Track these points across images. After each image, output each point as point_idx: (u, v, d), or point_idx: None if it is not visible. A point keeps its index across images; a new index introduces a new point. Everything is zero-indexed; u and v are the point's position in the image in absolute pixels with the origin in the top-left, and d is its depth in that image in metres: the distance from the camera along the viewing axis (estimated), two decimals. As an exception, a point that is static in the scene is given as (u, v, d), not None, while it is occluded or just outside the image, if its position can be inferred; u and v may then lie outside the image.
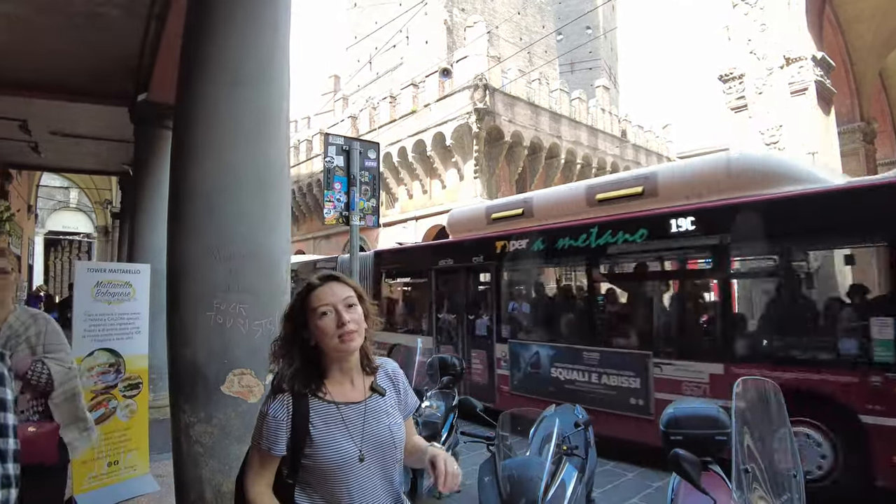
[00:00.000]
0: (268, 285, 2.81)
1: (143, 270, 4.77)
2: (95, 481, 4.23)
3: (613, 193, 6.75)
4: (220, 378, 2.64)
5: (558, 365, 6.86)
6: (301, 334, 1.48)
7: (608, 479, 5.24)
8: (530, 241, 7.23)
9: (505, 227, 8.09)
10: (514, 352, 7.50)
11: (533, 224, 7.57)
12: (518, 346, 7.49)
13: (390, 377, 1.64)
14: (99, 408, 4.31)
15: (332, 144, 4.36)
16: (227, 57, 2.95)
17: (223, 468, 2.62)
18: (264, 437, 1.41)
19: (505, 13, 31.21)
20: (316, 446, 1.40)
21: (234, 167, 2.83)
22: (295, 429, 1.41)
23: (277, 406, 1.42)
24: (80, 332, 4.25)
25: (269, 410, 1.42)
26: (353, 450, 1.43)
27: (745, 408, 2.63)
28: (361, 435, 1.46)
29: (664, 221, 5.85)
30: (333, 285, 1.51)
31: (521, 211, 7.97)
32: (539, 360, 7.08)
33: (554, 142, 21.02)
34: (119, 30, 6.06)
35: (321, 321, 1.45)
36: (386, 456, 1.50)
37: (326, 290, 1.49)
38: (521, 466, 3.09)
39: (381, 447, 1.49)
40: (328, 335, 1.45)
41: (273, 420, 1.40)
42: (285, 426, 1.40)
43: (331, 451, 1.41)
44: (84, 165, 13.33)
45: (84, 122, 9.20)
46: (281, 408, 1.42)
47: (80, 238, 28.81)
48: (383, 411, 1.54)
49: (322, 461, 1.40)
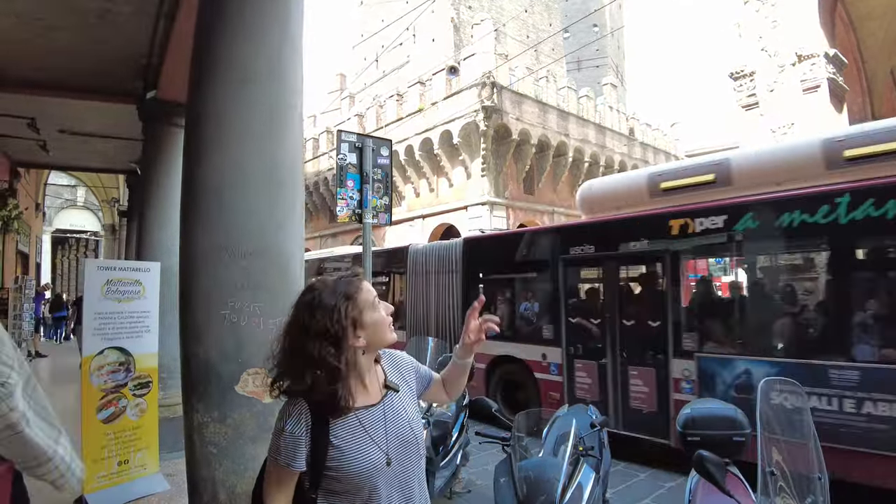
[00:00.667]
0: (282, 283, 2.77)
1: (152, 268, 4.74)
2: (105, 480, 4.21)
3: (869, 150, 4.98)
4: (234, 377, 2.60)
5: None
6: (346, 336, 1.37)
7: (620, 480, 5.20)
8: (733, 216, 5.33)
9: (682, 199, 6.11)
10: (707, 370, 5.45)
11: (731, 194, 5.66)
12: (715, 361, 5.43)
13: (395, 365, 1.60)
14: (109, 406, 4.29)
15: (344, 141, 4.31)
16: (237, 55, 2.94)
17: (237, 469, 2.59)
18: (282, 453, 1.34)
19: (512, 11, 31.12)
20: (341, 457, 1.35)
21: (245, 164, 2.80)
22: (315, 442, 1.34)
23: (294, 420, 1.35)
24: (89, 330, 4.24)
25: (286, 426, 1.34)
26: (380, 455, 1.38)
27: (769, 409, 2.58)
28: (385, 438, 1.41)
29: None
30: (365, 281, 1.48)
31: (713, 177, 6.01)
32: (751, 381, 5.07)
33: (562, 140, 20.93)
34: (129, 28, 6.05)
35: (379, 314, 1.43)
36: (410, 454, 1.47)
37: (367, 283, 1.47)
38: (537, 467, 3.04)
39: (406, 445, 1.45)
40: (386, 326, 1.44)
41: (290, 436, 1.33)
42: (304, 441, 1.34)
43: (357, 461, 1.35)
44: (92, 164, 13.37)
45: (92, 120, 9.22)
46: (298, 423, 1.34)
47: (88, 236, 28.95)
48: (402, 408, 1.50)
49: (349, 471, 1.35)
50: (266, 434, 2.73)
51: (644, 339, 6.14)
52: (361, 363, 1.43)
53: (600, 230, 6.74)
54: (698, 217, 5.57)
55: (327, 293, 1.39)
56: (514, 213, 19.83)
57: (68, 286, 27.95)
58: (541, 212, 20.93)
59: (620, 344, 6.27)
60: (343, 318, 1.36)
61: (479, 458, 5.66)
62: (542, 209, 21.01)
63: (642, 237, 6.11)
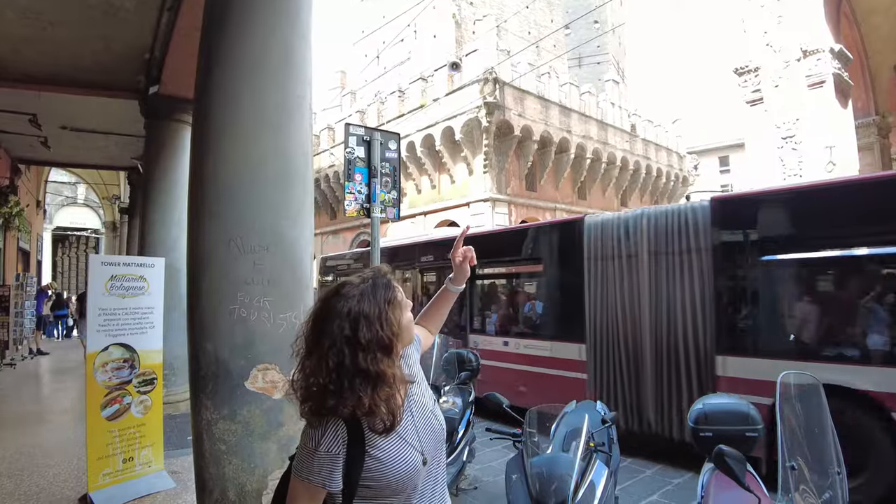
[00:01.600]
0: (292, 278, 2.74)
1: (157, 264, 4.70)
2: (110, 478, 4.17)
3: None
4: (243, 373, 2.57)
5: None
6: (391, 350, 1.29)
7: (628, 476, 5.17)
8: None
9: None
10: None
11: None
12: None
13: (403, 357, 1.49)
14: (113, 404, 4.26)
15: (352, 135, 4.25)
16: (247, 46, 2.90)
17: (247, 466, 2.55)
18: (316, 473, 1.21)
19: (513, 6, 30.99)
20: (381, 468, 1.26)
21: (257, 157, 2.76)
22: (352, 458, 1.23)
23: (330, 439, 1.22)
24: (94, 326, 4.20)
25: (321, 446, 1.22)
26: (418, 456, 1.32)
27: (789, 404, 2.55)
28: (419, 437, 1.35)
29: None
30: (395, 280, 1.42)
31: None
32: None
33: (564, 136, 20.87)
34: (132, 22, 6.01)
35: (409, 315, 1.39)
36: (439, 446, 1.43)
37: (397, 283, 1.41)
38: (549, 464, 3.01)
39: (435, 438, 1.41)
40: (412, 326, 1.40)
41: (327, 455, 1.21)
42: (341, 459, 1.22)
43: (398, 468, 1.27)
44: (93, 160, 13.31)
45: (94, 117, 9.17)
46: (335, 440, 1.23)
47: (88, 234, 28.91)
48: (422, 400, 1.44)
49: (390, 479, 1.27)
50: (276, 430, 2.71)
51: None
52: None
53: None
54: None
55: (367, 299, 1.29)
56: (516, 209, 19.77)
57: (68, 284, 27.94)
58: (543, 209, 20.87)
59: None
60: (394, 325, 1.29)
61: (484, 455, 5.63)
62: (545, 206, 20.96)
63: None
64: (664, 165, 26.87)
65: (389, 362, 1.26)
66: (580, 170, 22.11)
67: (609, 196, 24.12)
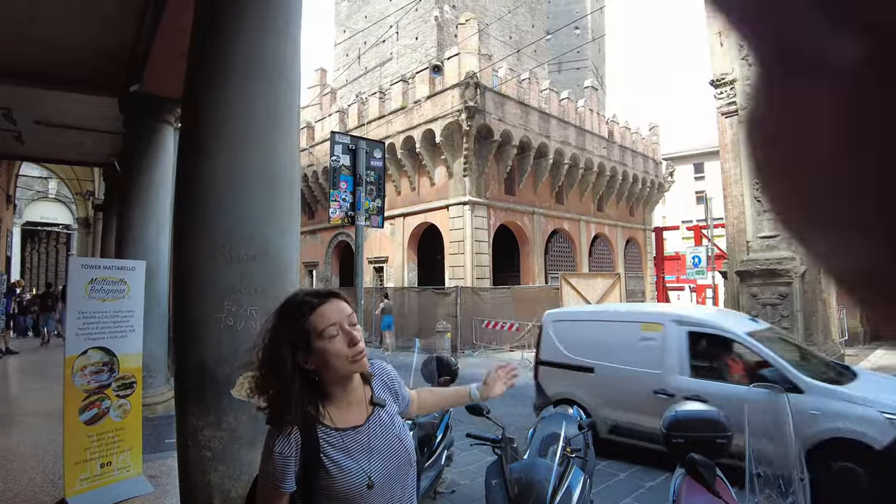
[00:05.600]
0: (280, 286, 2.75)
1: (137, 267, 4.67)
2: (87, 483, 4.13)
3: None
4: (230, 381, 2.58)
5: None
6: (295, 358, 1.34)
7: (601, 480, 5.28)
8: None
9: None
10: None
11: None
12: None
13: (387, 384, 1.60)
14: (92, 408, 4.21)
15: (338, 143, 4.28)
16: (238, 50, 2.88)
17: (232, 473, 2.58)
18: (271, 474, 1.32)
19: (495, 11, 31.14)
20: (331, 476, 1.34)
21: (247, 163, 2.76)
22: (305, 462, 1.33)
23: (283, 441, 1.32)
24: (73, 330, 4.16)
25: (276, 447, 1.32)
26: (362, 476, 1.37)
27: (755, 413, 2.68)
28: (369, 459, 1.40)
29: None
30: (336, 302, 1.40)
31: None
32: None
33: (543, 141, 21.06)
34: (113, 20, 5.93)
35: (331, 343, 1.34)
36: (401, 466, 1.46)
37: (331, 308, 1.38)
38: (527, 469, 3.10)
39: (395, 460, 1.44)
40: (340, 357, 1.35)
41: (280, 456, 1.31)
42: (294, 461, 1.32)
43: (344, 482, 1.35)
44: (67, 156, 13.00)
45: (71, 112, 8.96)
46: (288, 443, 1.32)
47: (60, 230, 28.21)
48: (388, 424, 1.49)
49: (339, 489, 1.34)
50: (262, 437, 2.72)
51: None
52: (335, 382, 1.41)
53: None
54: None
55: (299, 308, 1.38)
56: (495, 213, 19.91)
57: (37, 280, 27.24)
58: (522, 212, 21.05)
59: None
60: (297, 339, 1.35)
61: (462, 458, 5.70)
62: (523, 210, 21.13)
63: None
64: (640, 171, 27.29)
65: (285, 373, 1.33)
66: (558, 175, 22.34)
67: (586, 201, 24.42)
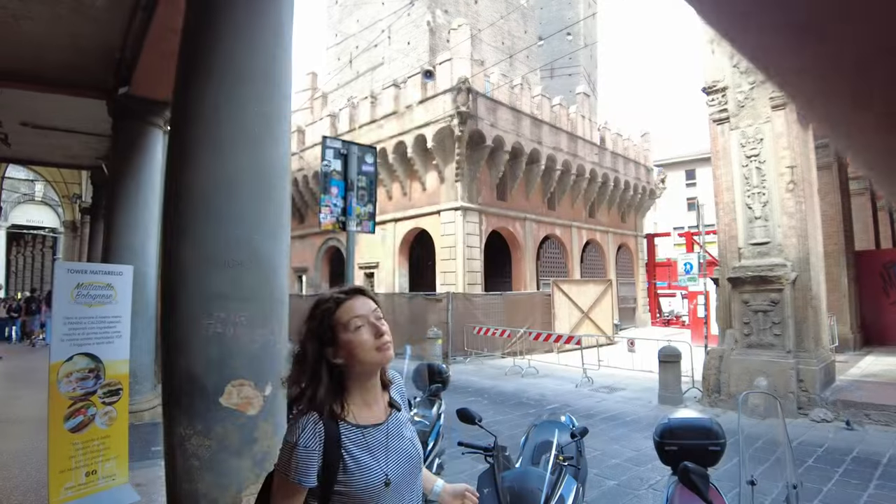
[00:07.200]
0: (269, 293, 2.72)
1: (125, 272, 4.59)
2: (73, 492, 4.04)
3: None
4: (218, 389, 2.54)
5: None
6: (324, 353, 1.40)
7: (590, 488, 5.25)
8: None
9: None
10: None
11: None
12: None
13: (400, 391, 1.63)
14: (77, 415, 4.13)
15: (329, 148, 4.24)
16: (229, 55, 2.85)
17: (221, 482, 2.53)
18: (293, 468, 1.31)
19: (488, 17, 31.26)
20: (350, 473, 1.35)
21: (237, 169, 2.73)
22: (327, 457, 1.33)
23: (309, 434, 1.33)
24: (58, 335, 4.08)
25: (300, 440, 1.32)
26: (380, 474, 1.39)
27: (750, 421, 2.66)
28: (386, 457, 1.42)
29: None
30: (361, 298, 1.47)
31: None
32: None
33: (535, 147, 21.13)
34: (102, 21, 5.86)
35: (356, 335, 1.40)
36: (413, 469, 1.49)
37: (357, 303, 1.45)
38: (520, 477, 3.07)
39: (409, 462, 1.47)
40: (366, 348, 1.40)
41: (304, 450, 1.31)
42: (317, 455, 1.32)
43: (363, 479, 1.36)
44: (54, 158, 12.85)
45: (58, 114, 8.86)
46: (313, 436, 1.33)
47: (46, 233, 27.90)
48: (403, 425, 1.53)
49: (357, 488, 1.35)
50: (250, 446, 2.69)
51: None
52: (357, 379, 1.45)
53: None
54: None
55: (327, 304, 1.45)
56: (486, 218, 19.91)
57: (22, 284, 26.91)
58: (513, 218, 21.07)
59: None
60: (323, 333, 1.41)
61: (453, 467, 5.66)
62: (515, 215, 21.16)
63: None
64: (632, 178, 27.44)
65: (316, 364, 1.40)
66: (550, 181, 22.40)
67: (578, 207, 24.50)
